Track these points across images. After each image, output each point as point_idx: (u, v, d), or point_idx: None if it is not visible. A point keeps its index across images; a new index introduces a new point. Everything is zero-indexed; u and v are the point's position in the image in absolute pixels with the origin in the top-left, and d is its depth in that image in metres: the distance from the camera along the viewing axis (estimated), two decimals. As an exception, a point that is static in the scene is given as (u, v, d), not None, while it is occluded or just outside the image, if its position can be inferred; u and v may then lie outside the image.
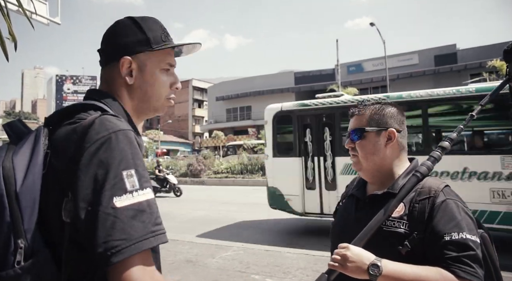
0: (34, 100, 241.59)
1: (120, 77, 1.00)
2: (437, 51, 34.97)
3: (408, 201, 1.22)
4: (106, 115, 0.88)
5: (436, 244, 1.13)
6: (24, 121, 0.99)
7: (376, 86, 36.75)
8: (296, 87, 40.66)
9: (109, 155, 0.80)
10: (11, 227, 0.76)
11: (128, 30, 1.02)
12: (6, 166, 0.82)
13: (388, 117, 1.34)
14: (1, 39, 2.31)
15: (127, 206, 0.77)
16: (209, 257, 5.81)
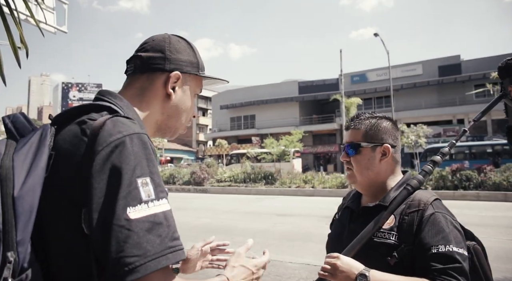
0: (40, 107, 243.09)
1: (162, 89, 0.97)
2: (441, 62, 35.02)
3: (398, 213, 1.25)
4: (119, 116, 0.81)
5: (424, 256, 1.16)
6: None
7: (380, 96, 36.77)
8: (300, 97, 40.73)
9: (123, 160, 0.73)
10: (1, 237, 0.68)
11: (183, 48, 1.01)
12: (5, 164, 0.74)
13: (383, 132, 1.36)
14: (14, 46, 2.39)
15: (142, 218, 0.70)
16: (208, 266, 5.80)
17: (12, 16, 2.34)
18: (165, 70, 0.97)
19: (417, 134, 23.48)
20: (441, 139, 30.76)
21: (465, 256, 1.16)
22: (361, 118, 1.40)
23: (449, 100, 33.58)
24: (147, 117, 0.97)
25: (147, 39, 1.03)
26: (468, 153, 23.02)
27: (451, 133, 32.38)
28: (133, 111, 0.92)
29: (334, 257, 1.19)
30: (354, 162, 1.37)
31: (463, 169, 15.00)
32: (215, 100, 49.69)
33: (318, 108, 41.84)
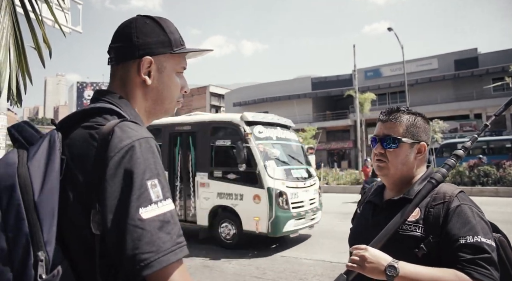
0: (56, 106, 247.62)
1: (137, 77, 0.97)
2: (457, 56, 34.34)
3: (424, 206, 1.26)
4: (125, 121, 0.86)
5: (451, 247, 1.17)
6: (45, 127, 0.94)
7: (394, 91, 36.30)
8: (313, 93, 40.51)
9: (133, 164, 0.78)
10: (30, 239, 0.73)
11: (149, 29, 0.98)
12: (22, 173, 0.78)
13: (422, 130, 1.38)
14: (38, 47, 2.44)
15: (153, 217, 0.76)
16: (225, 262, 5.85)
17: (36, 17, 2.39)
18: (135, 57, 0.96)
19: (432, 130, 23.12)
20: (457, 134, 30.22)
21: (494, 247, 1.16)
22: (400, 112, 1.39)
23: (466, 94, 32.90)
24: (137, 107, 0.99)
25: (116, 29, 1.01)
26: (486, 148, 22.52)
27: (468, 128, 31.78)
28: (131, 108, 0.96)
29: (362, 249, 1.19)
30: (391, 155, 1.35)
31: (481, 164, 14.73)
32: (228, 98, 49.82)
33: (332, 104, 41.54)
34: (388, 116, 1.40)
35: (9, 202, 0.75)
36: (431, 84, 34.13)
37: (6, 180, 0.77)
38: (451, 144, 23.75)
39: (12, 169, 0.78)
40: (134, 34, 0.96)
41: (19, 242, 0.73)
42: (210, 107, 59.15)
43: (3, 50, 2.17)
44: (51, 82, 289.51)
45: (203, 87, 58.46)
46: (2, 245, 0.73)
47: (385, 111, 1.43)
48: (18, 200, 0.75)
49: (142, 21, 0.99)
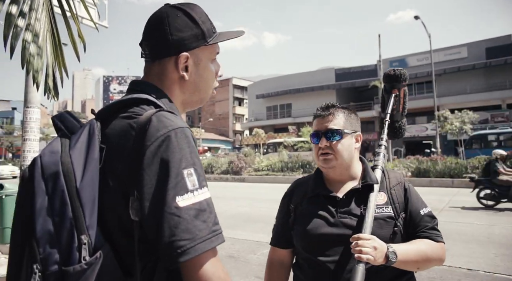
0: (83, 100, 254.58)
1: (175, 73, 0.98)
2: (489, 43, 32.99)
3: (385, 188, 1.44)
4: (162, 111, 0.88)
5: (417, 218, 1.40)
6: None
7: (420, 82, 35.35)
8: (337, 84, 39.99)
9: (170, 153, 0.80)
10: (74, 223, 0.77)
11: (183, 24, 0.97)
12: (64, 161, 0.81)
13: (356, 122, 1.50)
14: (74, 42, 2.52)
15: (189, 206, 0.78)
16: (250, 253, 5.90)
17: (71, 13, 2.47)
18: (171, 54, 0.97)
19: (462, 120, 22.42)
20: (488, 125, 29.17)
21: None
22: (336, 107, 1.48)
23: (498, 83, 31.64)
24: (173, 100, 1.00)
25: (148, 21, 1.00)
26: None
27: (499, 118, 30.62)
28: (167, 98, 0.98)
29: (368, 239, 1.23)
30: (337, 147, 1.42)
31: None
32: (251, 90, 49.84)
33: (356, 96, 40.91)
34: (327, 111, 1.46)
35: (54, 188, 0.79)
36: (460, 74, 33.00)
37: (51, 167, 0.81)
38: (481, 136, 22.98)
39: (56, 157, 0.82)
40: (168, 31, 0.96)
41: (64, 226, 0.77)
42: (233, 99, 59.40)
43: (41, 44, 2.26)
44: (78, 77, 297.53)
45: (226, 79, 58.69)
46: (50, 228, 0.77)
47: (321, 108, 1.50)
48: (62, 187, 0.78)
49: (174, 14, 0.98)
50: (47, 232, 0.77)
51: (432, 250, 1.34)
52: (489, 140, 22.54)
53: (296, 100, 43.22)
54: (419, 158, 17.77)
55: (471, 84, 32.70)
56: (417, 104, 33.63)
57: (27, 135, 3.71)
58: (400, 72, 1.73)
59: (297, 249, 1.47)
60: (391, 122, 1.71)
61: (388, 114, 1.70)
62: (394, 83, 1.73)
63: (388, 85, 1.75)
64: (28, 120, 3.71)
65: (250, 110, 49.89)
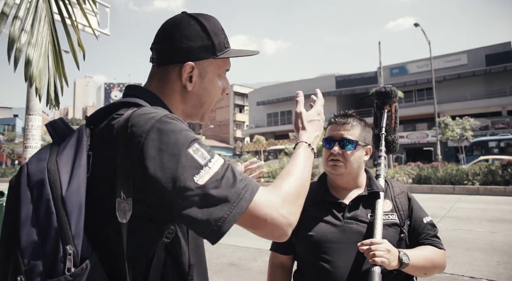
0: (84, 107, 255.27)
1: (178, 81, 0.96)
2: (489, 50, 33.11)
3: (390, 197, 1.49)
4: (141, 108, 0.85)
5: (420, 226, 1.47)
6: (75, 127, 0.93)
7: (421, 89, 35.44)
8: (338, 91, 40.08)
9: (167, 141, 0.77)
10: (59, 232, 0.74)
11: (194, 33, 0.95)
12: (51, 169, 0.79)
13: (369, 135, 1.54)
14: (74, 51, 2.55)
15: (209, 180, 0.76)
16: (252, 261, 5.87)
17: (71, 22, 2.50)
18: (176, 62, 0.95)
19: (462, 127, 22.43)
20: (489, 132, 29.17)
21: None
22: (354, 117, 1.52)
23: (498, 90, 31.69)
24: (172, 108, 0.97)
25: (162, 25, 0.99)
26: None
27: (500, 125, 30.61)
28: (160, 102, 0.94)
29: (381, 243, 1.25)
30: (348, 156, 1.45)
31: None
32: (252, 97, 49.98)
33: (356, 102, 40.98)
34: (345, 119, 1.50)
35: (40, 196, 0.77)
36: (460, 81, 33.07)
37: (37, 175, 0.79)
38: (481, 142, 22.97)
39: (43, 165, 0.80)
40: (177, 38, 0.94)
41: (49, 235, 0.74)
42: (234, 106, 59.52)
43: (43, 57, 2.29)
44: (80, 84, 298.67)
45: (227, 86, 58.79)
46: (34, 238, 0.75)
47: (340, 115, 1.53)
48: (48, 195, 0.76)
49: (187, 22, 0.95)
50: (32, 242, 0.74)
51: (437, 257, 1.40)
52: (490, 147, 22.53)
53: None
54: (420, 165, 17.74)
55: (471, 91, 32.76)
56: (418, 111, 33.69)
57: (29, 142, 3.73)
58: (391, 89, 1.79)
59: (300, 255, 1.47)
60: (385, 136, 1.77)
61: (383, 128, 1.76)
62: (385, 99, 1.79)
63: (379, 101, 1.81)
64: (30, 128, 3.72)
65: (250, 117, 49.95)
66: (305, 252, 1.43)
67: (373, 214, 1.38)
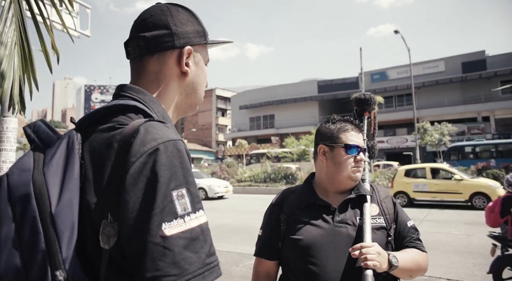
0: (64, 109, 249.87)
1: (175, 68, 0.89)
2: (465, 58, 34.09)
3: (376, 201, 1.51)
4: (151, 121, 0.75)
5: (405, 229, 1.49)
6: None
7: (401, 94, 36.14)
8: (320, 96, 40.45)
9: (157, 171, 0.68)
10: (47, 256, 0.64)
11: (185, 18, 0.91)
12: (37, 181, 0.68)
13: None
14: (46, 53, 2.48)
15: (178, 234, 0.65)
16: (233, 265, 5.84)
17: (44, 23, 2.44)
18: (176, 47, 0.88)
19: (440, 132, 22.96)
20: (465, 137, 29.97)
21: None
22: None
23: (474, 97, 32.64)
24: (167, 103, 0.91)
25: (143, 15, 0.91)
26: (495, 151, 22.31)
27: (475, 131, 31.50)
28: (158, 105, 0.86)
29: (371, 246, 1.26)
30: (363, 164, 1.51)
31: (489, 167, 14.61)
32: (234, 101, 49.93)
33: (338, 107, 41.45)
34: (358, 128, 1.54)
35: (24, 214, 0.66)
36: (438, 87, 33.91)
37: (20, 188, 0.68)
38: (458, 147, 23.56)
39: (27, 176, 0.69)
40: (171, 22, 0.88)
41: (35, 260, 0.64)
42: (216, 110, 59.35)
43: (6, 59, 2.22)
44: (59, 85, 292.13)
45: (209, 90, 58.65)
46: (17, 263, 0.65)
47: (354, 123, 1.54)
48: (34, 212, 0.66)
49: (174, 9, 0.91)
50: (13, 267, 0.64)
51: (422, 259, 1.44)
52: (466, 152, 23.14)
53: (279, 111, 43.48)
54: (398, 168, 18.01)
55: (449, 97, 33.63)
56: (398, 116, 34.33)
57: (3, 145, 3.61)
58: (370, 96, 1.82)
59: (287, 259, 1.45)
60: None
61: (364, 134, 1.76)
62: (364, 106, 1.81)
63: (359, 108, 1.83)
64: (5, 130, 3.61)
65: (233, 121, 49.87)
66: (293, 257, 1.41)
67: (361, 217, 1.39)
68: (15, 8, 2.36)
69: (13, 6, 2.35)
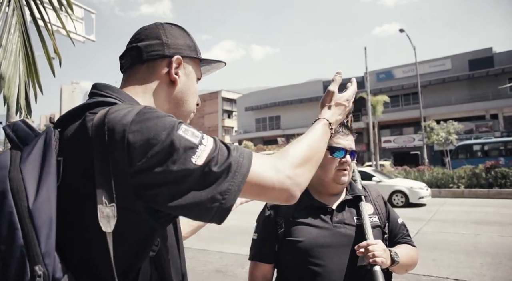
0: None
1: (164, 76, 0.92)
2: (472, 56, 33.75)
3: (370, 200, 1.56)
4: (117, 104, 0.78)
5: (396, 226, 1.57)
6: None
7: (407, 93, 35.89)
8: (325, 96, 40.31)
9: (152, 129, 0.70)
10: (25, 251, 0.64)
11: (178, 33, 0.97)
12: (14, 177, 0.69)
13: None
14: (49, 57, 2.51)
15: (207, 158, 0.72)
16: (238, 268, 5.84)
17: (46, 28, 2.47)
18: (166, 55, 0.92)
19: (447, 131, 22.77)
20: (473, 136, 29.67)
21: None
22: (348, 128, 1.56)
23: (481, 94, 32.30)
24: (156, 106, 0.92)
25: (138, 30, 0.97)
26: (504, 150, 22.08)
27: (484, 129, 31.17)
28: (133, 101, 0.88)
29: (376, 243, 1.31)
30: (351, 166, 1.54)
31: (498, 166, 14.45)
32: (240, 102, 49.98)
33: (344, 107, 41.23)
34: (348, 131, 1.55)
35: (0, 210, 0.67)
36: (445, 85, 33.62)
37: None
38: (466, 146, 23.35)
39: (3, 173, 0.70)
40: (163, 34, 0.94)
41: (13, 255, 0.64)
42: (222, 112, 59.45)
43: (12, 66, 2.26)
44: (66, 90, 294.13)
45: (215, 92, 58.82)
46: None
47: (343, 126, 1.55)
48: (10, 208, 0.66)
49: (167, 26, 0.97)
50: None
51: (415, 254, 1.51)
52: (475, 150, 22.93)
53: (285, 112, 43.43)
54: (406, 168, 17.94)
55: (456, 95, 33.32)
56: (404, 115, 34.08)
57: (10, 150, 3.65)
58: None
59: (285, 262, 1.45)
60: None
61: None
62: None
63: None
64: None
65: (239, 123, 49.92)
66: (293, 258, 1.41)
67: (358, 217, 1.44)
68: (18, 15, 2.39)
69: (16, 13, 2.39)
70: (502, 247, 6.43)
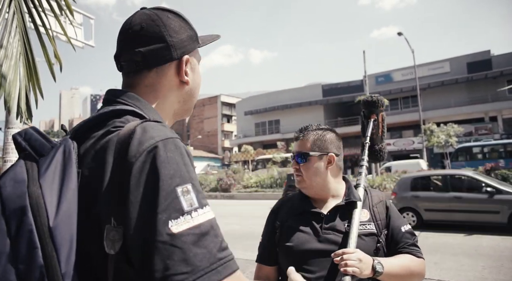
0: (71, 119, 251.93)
1: (174, 79, 0.89)
2: (470, 58, 33.85)
3: (368, 206, 1.50)
4: (148, 121, 0.73)
5: (398, 234, 1.46)
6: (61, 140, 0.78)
7: (406, 96, 35.95)
8: (324, 100, 40.37)
9: (158, 169, 0.66)
10: (44, 272, 0.61)
11: (178, 25, 0.89)
12: (33, 193, 0.65)
13: (329, 142, 1.51)
14: (49, 62, 2.51)
15: (186, 231, 0.63)
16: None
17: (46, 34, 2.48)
18: (174, 58, 0.88)
19: (447, 134, 22.77)
20: (472, 138, 29.68)
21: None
22: (308, 130, 1.53)
23: (480, 97, 32.35)
24: (166, 112, 0.91)
25: (133, 26, 0.86)
26: (503, 152, 22.04)
27: (483, 131, 31.19)
28: (155, 113, 0.85)
29: (353, 252, 1.26)
30: (303, 169, 1.48)
31: (498, 168, 14.43)
32: (239, 107, 50.00)
33: (343, 111, 41.33)
34: (299, 134, 1.53)
35: (19, 228, 0.63)
36: (443, 88, 33.68)
37: (15, 201, 0.64)
38: (466, 148, 23.32)
39: (22, 188, 0.66)
40: (166, 33, 0.86)
41: (32, 276, 0.61)
42: (222, 116, 59.50)
43: (13, 70, 2.26)
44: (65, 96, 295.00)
45: (214, 96, 58.89)
46: (12, 280, 0.61)
47: (298, 130, 1.56)
48: (30, 226, 0.62)
49: (164, 16, 0.88)
50: None
51: (415, 265, 1.40)
52: (474, 153, 22.90)
53: (284, 116, 43.45)
54: (407, 171, 17.89)
55: (455, 98, 33.36)
56: (404, 118, 34.11)
57: (8, 156, 3.65)
58: (377, 98, 1.81)
59: (283, 265, 1.47)
60: (371, 145, 1.77)
61: (368, 137, 1.77)
62: (372, 109, 1.81)
63: (366, 111, 1.83)
64: (10, 141, 3.64)
65: (238, 127, 49.90)
66: (286, 263, 1.43)
67: (350, 224, 1.39)
68: (18, 19, 2.40)
69: (16, 17, 2.39)
70: (504, 250, 6.40)
